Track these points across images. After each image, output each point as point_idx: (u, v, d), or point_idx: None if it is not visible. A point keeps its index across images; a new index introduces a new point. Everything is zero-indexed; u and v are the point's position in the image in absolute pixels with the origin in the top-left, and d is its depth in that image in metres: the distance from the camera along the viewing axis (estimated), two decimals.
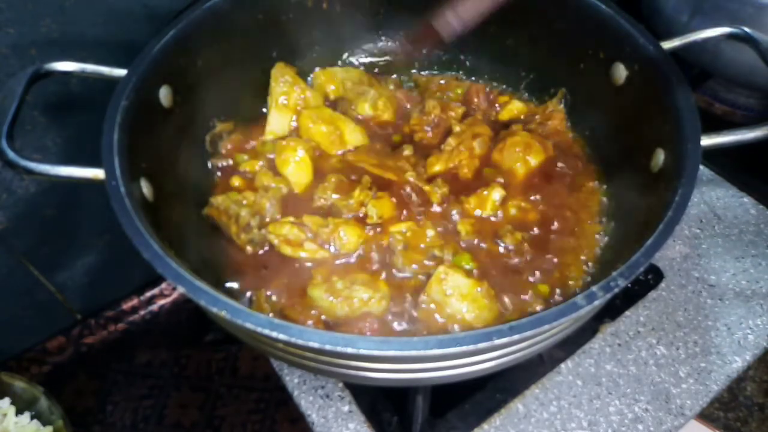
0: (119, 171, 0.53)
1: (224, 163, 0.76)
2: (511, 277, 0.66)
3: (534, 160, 0.75)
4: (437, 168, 0.74)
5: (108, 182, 0.52)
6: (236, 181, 0.74)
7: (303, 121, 0.77)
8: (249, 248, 0.68)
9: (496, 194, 0.71)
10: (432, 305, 0.63)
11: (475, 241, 0.68)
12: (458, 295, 0.62)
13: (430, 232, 0.68)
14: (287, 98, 0.78)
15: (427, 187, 0.71)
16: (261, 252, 0.68)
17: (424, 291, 0.64)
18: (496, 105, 0.84)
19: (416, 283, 0.65)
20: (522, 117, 0.83)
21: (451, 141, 0.75)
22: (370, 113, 0.81)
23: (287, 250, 0.67)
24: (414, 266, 0.66)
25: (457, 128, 0.77)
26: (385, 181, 0.73)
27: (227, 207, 0.68)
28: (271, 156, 0.76)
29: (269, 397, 0.96)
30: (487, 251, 0.68)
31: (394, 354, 0.43)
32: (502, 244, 0.68)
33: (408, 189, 0.71)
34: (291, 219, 0.69)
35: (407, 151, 0.75)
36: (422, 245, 0.68)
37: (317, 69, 0.85)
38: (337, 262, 0.67)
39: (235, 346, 1.01)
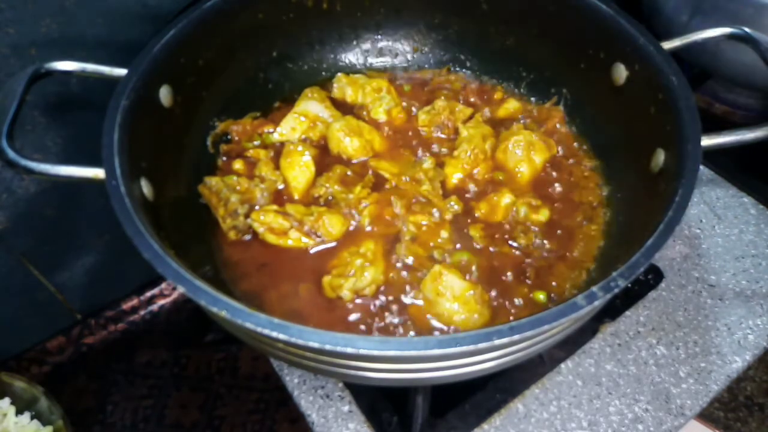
0: (119, 171, 0.53)
1: (229, 149, 0.77)
2: (510, 282, 0.66)
3: (539, 158, 0.76)
4: (457, 177, 0.74)
5: (108, 182, 0.52)
6: (237, 164, 0.75)
7: (333, 134, 0.76)
8: (232, 234, 0.68)
9: (506, 199, 0.71)
10: (422, 302, 0.63)
11: (489, 247, 0.68)
12: (450, 296, 0.62)
13: (445, 234, 0.69)
14: (306, 118, 0.79)
15: (441, 204, 0.71)
16: (245, 239, 0.68)
17: (419, 286, 0.64)
18: (492, 102, 0.85)
19: (413, 277, 0.66)
20: (519, 116, 0.83)
21: (465, 146, 0.75)
22: (384, 118, 0.81)
23: (272, 239, 0.67)
24: (411, 259, 0.66)
25: (464, 132, 0.77)
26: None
27: (219, 189, 0.69)
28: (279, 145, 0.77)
29: (269, 397, 0.96)
30: (492, 255, 0.68)
31: (394, 354, 0.43)
32: (516, 245, 0.68)
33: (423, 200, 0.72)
34: (275, 207, 0.69)
35: (427, 164, 0.75)
36: (431, 243, 0.68)
37: (339, 74, 0.85)
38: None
39: (235, 346, 1.00)
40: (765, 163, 0.94)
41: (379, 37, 0.89)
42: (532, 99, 0.85)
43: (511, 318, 0.63)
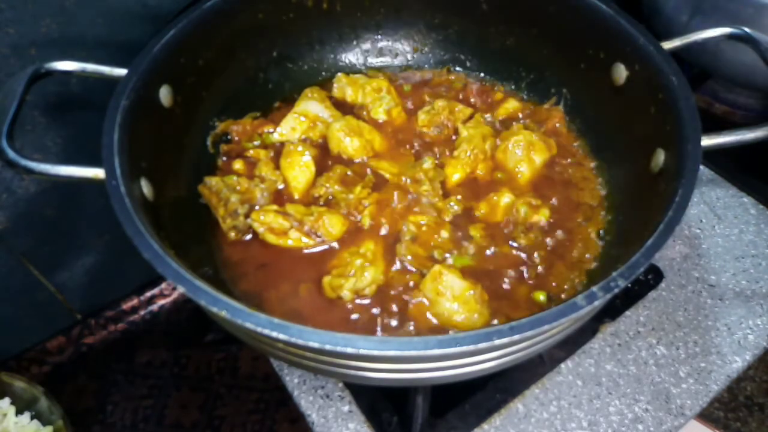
0: (119, 171, 0.53)
1: (229, 149, 0.77)
2: (510, 281, 0.66)
3: (539, 158, 0.76)
4: (457, 177, 0.74)
5: (108, 182, 0.52)
6: (237, 164, 0.75)
7: (333, 134, 0.76)
8: (232, 234, 0.68)
9: (506, 199, 0.71)
10: (423, 301, 0.63)
11: (489, 247, 0.68)
12: (450, 296, 0.62)
13: (445, 234, 0.69)
14: (306, 118, 0.79)
15: (441, 204, 0.71)
16: (245, 239, 0.68)
17: (419, 286, 0.64)
18: (492, 101, 0.85)
19: (413, 277, 0.66)
20: (519, 116, 0.83)
21: (465, 146, 0.75)
22: (384, 118, 0.81)
23: (272, 239, 0.68)
24: (411, 259, 0.66)
25: (464, 132, 0.77)
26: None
27: (219, 189, 0.69)
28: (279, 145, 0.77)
29: (269, 397, 0.96)
30: (492, 255, 0.68)
31: (394, 354, 0.43)
32: (515, 245, 0.68)
33: (424, 200, 0.72)
34: (275, 207, 0.69)
35: (427, 164, 0.74)
36: (431, 243, 0.68)
37: (339, 74, 0.85)
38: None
39: (235, 346, 1.01)
40: (765, 163, 0.94)
41: (379, 37, 0.89)
42: (533, 99, 0.85)
43: (511, 318, 0.63)
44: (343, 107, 0.82)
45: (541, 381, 0.74)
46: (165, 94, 0.65)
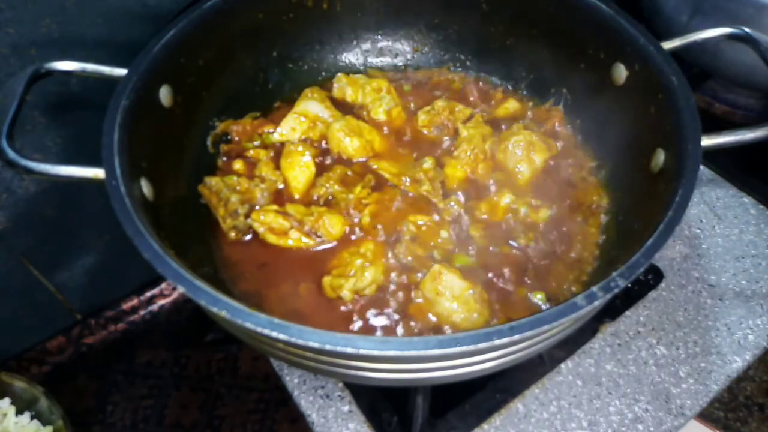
0: (119, 171, 0.53)
1: (229, 149, 0.77)
2: (510, 282, 0.66)
3: (538, 158, 0.76)
4: (457, 177, 0.74)
5: (108, 182, 0.52)
6: (238, 164, 0.75)
7: (333, 134, 0.76)
8: (232, 234, 0.68)
9: (506, 199, 0.71)
10: (423, 301, 0.63)
11: (489, 247, 0.68)
12: (450, 295, 0.62)
13: (444, 234, 0.69)
14: (306, 118, 0.79)
15: (441, 204, 0.71)
16: (245, 239, 0.68)
17: (418, 286, 0.64)
18: (492, 101, 0.85)
19: (412, 278, 0.66)
20: (519, 116, 0.83)
21: (465, 146, 0.75)
22: (384, 118, 0.81)
23: (272, 239, 0.68)
24: (410, 259, 0.66)
25: (464, 132, 0.77)
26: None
27: (219, 189, 0.69)
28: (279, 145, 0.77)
29: (269, 397, 0.96)
30: (492, 255, 0.68)
31: (394, 354, 0.43)
32: (515, 245, 0.68)
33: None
34: (275, 207, 0.69)
35: (427, 164, 0.75)
36: (431, 243, 0.68)
37: (339, 74, 0.85)
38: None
39: (235, 346, 1.01)
40: (765, 163, 0.94)
41: (379, 37, 0.89)
42: (533, 99, 0.85)
43: (511, 318, 0.63)
44: (343, 107, 0.82)
45: (541, 381, 0.74)
46: (165, 94, 0.65)
